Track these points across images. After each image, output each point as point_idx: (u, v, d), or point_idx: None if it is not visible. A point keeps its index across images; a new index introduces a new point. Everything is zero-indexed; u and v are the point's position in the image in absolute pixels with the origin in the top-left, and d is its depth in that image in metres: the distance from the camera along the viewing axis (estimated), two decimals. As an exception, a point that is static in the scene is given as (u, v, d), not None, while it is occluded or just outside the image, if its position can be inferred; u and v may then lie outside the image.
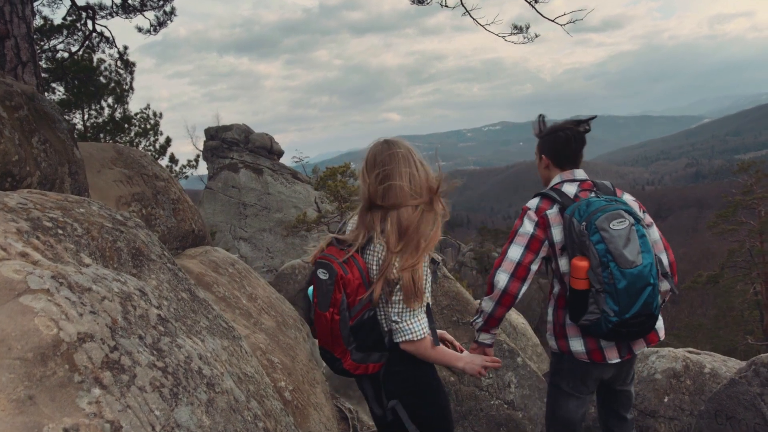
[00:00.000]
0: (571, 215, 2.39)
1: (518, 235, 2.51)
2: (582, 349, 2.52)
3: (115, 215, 2.43)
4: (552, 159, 2.68)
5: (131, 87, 9.84)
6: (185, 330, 2.07)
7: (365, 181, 2.18)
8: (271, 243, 32.78)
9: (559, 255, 2.50)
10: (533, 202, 2.58)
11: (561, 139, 2.64)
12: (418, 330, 2.09)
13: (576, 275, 2.35)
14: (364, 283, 2.09)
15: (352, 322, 2.10)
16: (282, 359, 4.17)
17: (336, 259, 2.10)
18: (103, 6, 7.28)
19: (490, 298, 2.52)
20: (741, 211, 26.99)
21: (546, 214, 2.50)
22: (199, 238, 5.06)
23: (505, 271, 2.48)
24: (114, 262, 2.11)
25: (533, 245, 2.47)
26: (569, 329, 2.55)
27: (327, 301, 2.10)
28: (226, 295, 4.36)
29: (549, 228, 2.49)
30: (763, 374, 4.82)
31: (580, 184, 2.59)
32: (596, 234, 2.28)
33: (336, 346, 2.16)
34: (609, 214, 2.31)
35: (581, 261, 2.33)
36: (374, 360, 2.18)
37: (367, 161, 2.22)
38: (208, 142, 35.18)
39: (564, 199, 2.51)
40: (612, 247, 2.26)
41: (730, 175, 47.85)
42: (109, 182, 4.39)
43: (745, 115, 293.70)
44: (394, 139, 2.25)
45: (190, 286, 2.54)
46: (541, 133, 2.77)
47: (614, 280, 2.26)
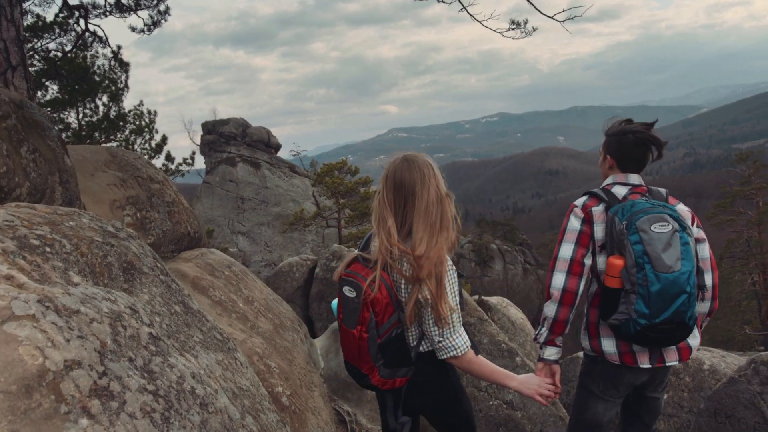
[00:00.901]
0: (614, 214, 2.40)
1: (567, 232, 2.52)
2: (614, 350, 2.50)
3: (106, 227, 2.39)
4: (617, 160, 2.63)
5: (126, 86, 9.77)
6: (178, 347, 2.03)
7: (386, 203, 2.17)
8: (269, 237, 32.77)
9: (599, 252, 2.50)
10: (580, 200, 2.59)
11: (629, 142, 2.57)
12: (461, 345, 2.14)
13: (610, 273, 2.36)
14: (392, 302, 2.11)
15: (380, 340, 2.11)
16: (279, 363, 4.14)
17: (363, 278, 2.10)
18: (97, 5, 7.20)
19: (551, 301, 2.49)
20: (739, 202, 27.01)
21: (591, 210, 2.51)
22: (194, 241, 5.02)
23: (560, 271, 2.47)
24: (104, 278, 2.07)
25: (583, 240, 2.48)
26: (602, 329, 2.53)
27: (354, 319, 2.11)
28: (222, 299, 4.32)
29: (593, 224, 2.50)
30: (762, 373, 4.81)
31: (632, 188, 2.57)
32: (635, 234, 2.28)
33: (363, 363, 2.18)
34: (652, 216, 2.30)
35: (617, 259, 2.34)
36: (402, 375, 2.20)
37: (387, 179, 2.20)
38: (205, 137, 35.08)
39: (611, 199, 2.51)
40: (650, 249, 2.25)
41: (728, 165, 47.87)
42: (103, 186, 4.34)
43: (743, 104, 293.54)
44: (414, 156, 2.22)
45: (183, 297, 2.50)
46: (609, 132, 2.69)
47: (647, 283, 2.25)
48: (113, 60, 9.04)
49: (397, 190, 2.16)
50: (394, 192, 2.16)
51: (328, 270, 8.86)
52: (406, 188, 2.14)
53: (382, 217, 2.17)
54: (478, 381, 4.88)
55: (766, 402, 4.70)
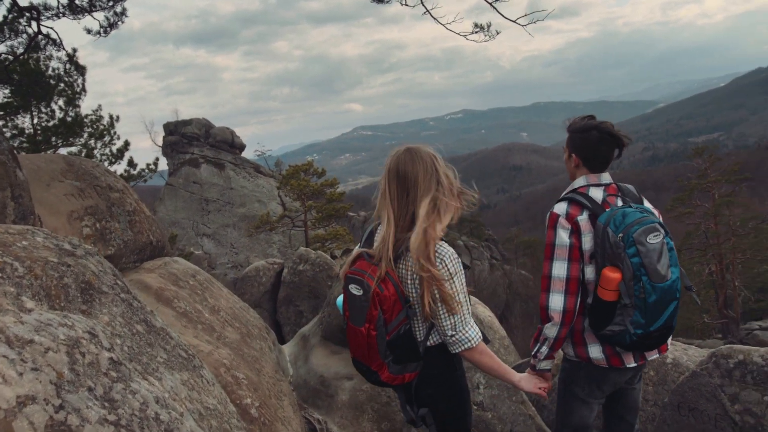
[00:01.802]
0: (606, 225, 2.32)
1: (557, 248, 2.40)
2: (601, 355, 2.49)
3: (62, 245, 2.29)
4: (582, 158, 2.54)
5: (83, 89, 9.46)
6: (140, 370, 1.96)
7: (388, 192, 2.18)
8: (235, 238, 32.35)
9: (587, 263, 2.41)
10: (561, 208, 2.46)
11: (593, 140, 2.49)
12: (474, 337, 2.16)
13: (606, 286, 2.30)
14: (399, 298, 2.11)
15: (389, 337, 2.12)
16: (247, 374, 4.07)
17: (370, 276, 2.09)
18: (48, 6, 6.94)
19: (552, 324, 2.41)
20: (696, 194, 27.80)
21: (577, 221, 2.40)
22: (157, 250, 4.90)
23: (557, 291, 2.38)
24: (61, 301, 1.98)
25: (574, 254, 2.38)
26: (588, 336, 2.50)
27: (362, 317, 2.11)
28: (187, 309, 4.22)
29: (580, 235, 2.40)
30: (723, 366, 4.94)
31: (605, 188, 2.51)
32: (633, 247, 2.23)
33: (373, 360, 2.18)
34: (646, 228, 2.26)
35: (613, 272, 2.28)
36: (411, 370, 2.22)
37: (389, 171, 2.20)
38: (167, 138, 34.42)
39: (594, 206, 2.42)
40: (647, 261, 2.23)
41: (685, 159, 49.21)
42: (60, 196, 4.19)
43: (697, 99, 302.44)
44: (418, 147, 2.23)
45: (146, 315, 2.42)
46: (572, 129, 2.61)
47: (645, 294, 2.24)
48: (69, 63, 8.76)
49: (400, 181, 2.16)
50: (397, 183, 2.16)
51: (295, 273, 8.79)
52: (408, 179, 2.15)
53: (383, 211, 2.18)
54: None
55: (726, 394, 4.83)
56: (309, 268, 8.65)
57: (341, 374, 4.75)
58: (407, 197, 2.15)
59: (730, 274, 25.99)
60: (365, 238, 2.36)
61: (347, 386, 4.68)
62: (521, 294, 36.21)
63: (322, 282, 8.52)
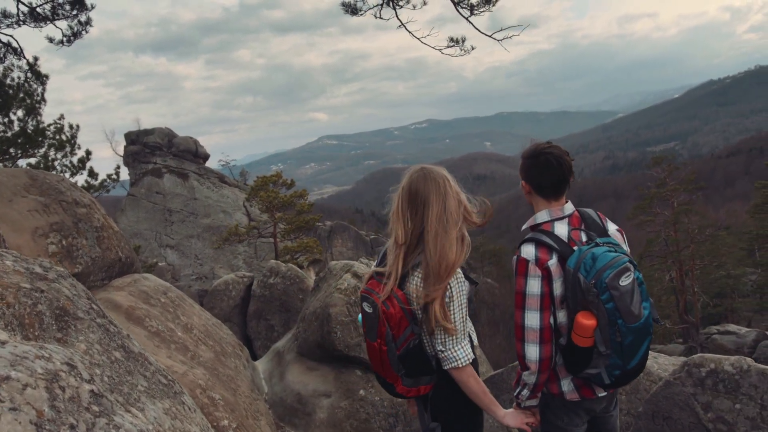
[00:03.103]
0: (576, 270, 2.22)
1: (528, 297, 2.28)
2: (571, 387, 2.44)
3: (33, 268, 2.17)
4: (533, 186, 2.44)
5: (43, 98, 9.12)
6: (122, 401, 1.86)
7: (400, 210, 2.26)
8: (199, 250, 31.76)
9: (558, 308, 2.33)
10: (530, 252, 2.32)
11: (541, 164, 2.38)
12: (462, 357, 2.21)
13: (582, 333, 2.22)
14: (405, 315, 2.19)
15: (399, 351, 2.21)
16: (223, 394, 3.95)
17: (378, 294, 2.21)
18: (8, 14, 6.68)
19: (529, 372, 2.34)
20: (656, 203, 28.52)
21: (548, 266, 2.28)
22: (126, 266, 4.73)
23: (531, 342, 2.30)
24: (35, 330, 1.87)
25: (546, 303, 2.28)
26: (560, 370, 2.43)
27: (374, 333, 2.23)
28: (159, 328, 4.08)
29: (551, 281, 2.29)
30: (695, 375, 5.02)
31: (569, 219, 2.42)
32: (606, 293, 2.15)
33: (387, 373, 2.29)
34: (618, 270, 2.18)
35: (588, 319, 2.20)
36: (425, 383, 2.30)
37: (403, 188, 2.28)
38: (128, 147, 33.65)
39: (561, 246, 2.32)
40: (621, 304, 2.16)
41: (644, 168, 50.50)
42: (23, 212, 4.01)
43: (655, 110, 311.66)
44: (431, 168, 2.31)
45: (123, 341, 2.30)
46: (523, 155, 2.49)
47: (621, 337, 2.19)
48: (29, 72, 8.44)
49: (411, 199, 2.24)
50: (409, 201, 2.24)
51: (265, 287, 8.63)
52: (420, 197, 2.22)
53: (395, 229, 2.27)
54: (426, 398, 4.84)
55: (699, 402, 4.91)
56: (280, 281, 8.51)
57: (319, 391, 4.65)
58: (416, 215, 2.23)
59: (689, 280, 26.70)
60: (381, 257, 2.43)
61: (325, 404, 4.58)
62: (487, 302, 36.49)
63: (293, 295, 8.39)
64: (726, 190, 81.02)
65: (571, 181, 2.45)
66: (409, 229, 2.24)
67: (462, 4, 5.73)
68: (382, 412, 4.57)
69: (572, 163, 2.44)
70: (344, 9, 6.30)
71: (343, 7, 6.29)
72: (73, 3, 6.69)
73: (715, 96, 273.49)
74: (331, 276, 5.12)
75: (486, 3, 5.65)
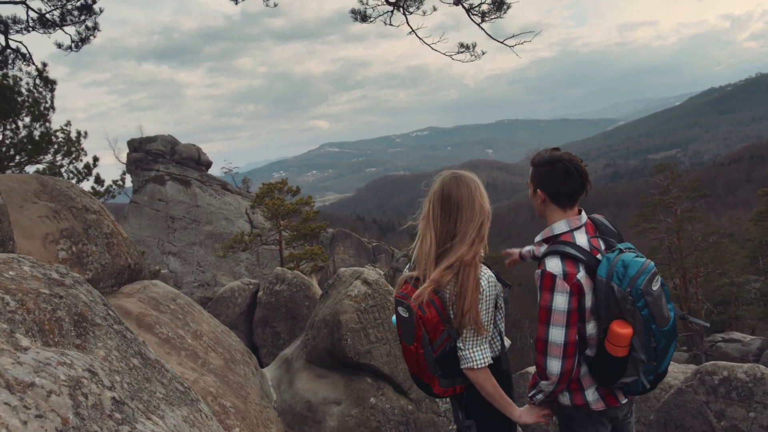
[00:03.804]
0: (609, 279, 2.17)
1: (554, 313, 2.20)
2: (596, 397, 2.39)
3: (50, 274, 2.15)
4: (549, 194, 2.37)
5: (52, 105, 9.12)
6: (143, 409, 1.83)
7: (431, 213, 2.30)
8: (201, 257, 31.74)
9: (587, 320, 2.28)
10: (557, 267, 2.23)
11: (560, 172, 2.32)
12: (479, 359, 2.24)
13: (618, 343, 2.17)
14: (441, 320, 2.24)
15: (436, 354, 2.26)
16: (234, 402, 3.92)
17: (413, 300, 2.23)
18: (18, 20, 6.70)
19: (548, 383, 2.31)
20: (659, 210, 28.48)
21: (578, 281, 2.21)
22: (135, 273, 4.71)
23: (555, 357, 2.24)
24: (54, 336, 1.84)
25: (572, 319, 2.21)
26: (585, 380, 2.39)
27: (411, 337, 2.27)
28: (170, 335, 4.05)
29: (581, 296, 2.22)
30: (708, 382, 4.98)
31: (585, 229, 2.38)
32: (642, 299, 2.12)
33: (424, 375, 2.34)
34: (650, 275, 2.16)
35: (623, 328, 2.15)
36: (461, 382, 2.35)
37: (434, 193, 2.33)
38: (131, 154, 33.71)
39: (587, 257, 2.25)
40: (655, 309, 2.13)
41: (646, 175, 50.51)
42: (34, 218, 3.99)
43: (655, 117, 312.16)
44: (463, 173, 2.36)
45: (140, 347, 2.28)
46: (536, 162, 2.43)
47: (656, 342, 2.17)
48: (38, 78, 8.46)
49: (444, 203, 2.28)
50: (441, 205, 2.29)
51: (271, 294, 8.60)
52: (452, 201, 2.27)
53: (426, 232, 2.30)
54: (437, 406, 4.80)
55: (712, 411, 4.87)
56: (286, 288, 8.48)
57: (329, 399, 4.61)
58: (449, 219, 2.27)
59: (693, 288, 26.63)
60: (413, 261, 2.45)
61: (335, 411, 4.54)
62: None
63: (299, 302, 8.35)
64: (728, 198, 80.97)
65: (589, 189, 2.40)
66: (440, 233, 2.27)
67: (473, 11, 5.74)
68: (392, 420, 4.53)
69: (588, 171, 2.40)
70: (353, 16, 6.31)
71: (353, 14, 6.29)
72: (82, 8, 6.71)
73: (716, 104, 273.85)
74: (340, 283, 5.09)
75: (497, 10, 5.67)
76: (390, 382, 4.73)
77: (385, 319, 4.79)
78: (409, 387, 4.76)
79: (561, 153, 2.39)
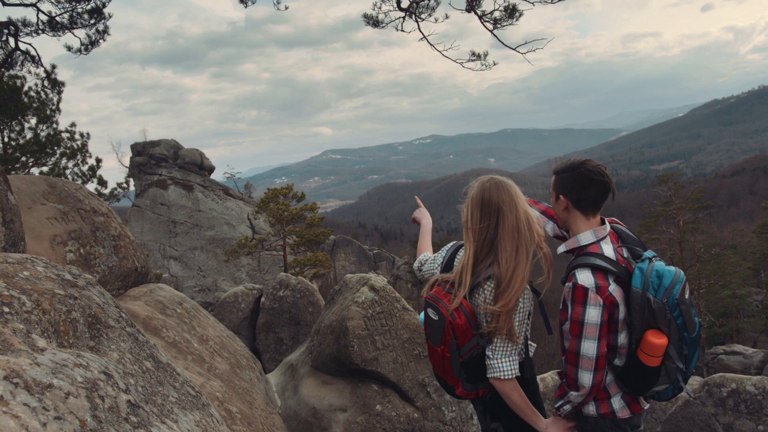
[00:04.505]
0: (645, 290, 2.16)
1: (586, 326, 2.19)
2: (622, 405, 2.38)
3: (63, 275, 2.13)
4: (572, 200, 2.35)
5: (58, 108, 9.12)
6: (157, 413, 1.81)
7: (470, 219, 2.26)
8: (202, 261, 31.72)
9: (620, 330, 2.27)
10: (588, 280, 2.21)
11: (583, 179, 2.31)
12: (507, 369, 2.22)
13: (653, 353, 2.17)
14: (471, 326, 2.21)
15: (462, 359, 2.25)
16: (240, 407, 3.89)
17: (444, 304, 2.21)
18: (28, 22, 6.71)
19: (578, 395, 2.31)
20: (662, 221, 28.42)
21: (611, 293, 2.20)
22: (141, 276, 4.69)
23: (586, 370, 2.24)
24: (69, 337, 1.83)
25: (604, 331, 2.22)
26: (611, 388, 2.38)
27: (438, 339, 2.25)
28: (176, 339, 4.03)
29: (615, 308, 2.21)
30: (716, 394, 4.95)
31: (609, 238, 2.37)
32: (677, 309, 2.15)
33: (448, 377, 2.33)
34: (682, 285, 2.18)
35: (659, 338, 2.15)
36: (484, 386, 2.34)
37: (473, 198, 2.29)
38: (134, 158, 33.75)
39: (618, 268, 2.24)
40: (687, 318, 2.16)
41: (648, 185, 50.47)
42: (42, 220, 3.98)
43: (658, 128, 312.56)
44: (502, 178, 2.30)
45: (152, 350, 2.26)
46: (559, 169, 2.42)
47: (687, 349, 2.20)
48: (46, 80, 8.46)
49: (483, 208, 2.23)
50: (481, 211, 2.24)
51: (275, 299, 8.57)
52: (493, 207, 2.22)
53: (465, 238, 2.27)
54: (443, 415, 4.77)
55: (720, 423, 4.83)
56: (290, 294, 8.45)
57: (335, 406, 4.58)
58: (488, 224, 2.21)
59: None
60: (445, 262, 2.45)
61: (341, 418, 4.51)
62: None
63: (303, 308, 8.32)
64: (730, 209, 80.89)
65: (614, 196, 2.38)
66: (479, 239, 2.22)
67: (485, 18, 5.75)
68: (398, 428, 4.50)
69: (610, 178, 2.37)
70: (366, 21, 6.31)
71: (365, 18, 6.30)
72: (92, 12, 6.72)
73: (719, 115, 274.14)
74: (347, 289, 5.07)
75: (509, 17, 5.67)
76: (396, 389, 4.70)
77: (392, 326, 4.76)
78: (415, 395, 4.73)
79: (584, 159, 2.39)
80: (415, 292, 37.61)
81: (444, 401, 4.81)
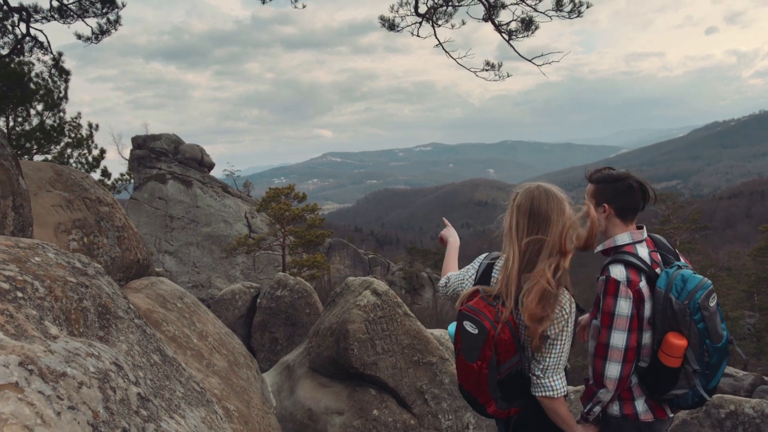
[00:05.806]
0: (668, 291, 2.25)
1: (617, 317, 2.27)
2: (646, 408, 2.42)
3: (74, 263, 2.11)
4: (616, 209, 2.45)
5: (66, 96, 9.08)
6: (165, 407, 1.78)
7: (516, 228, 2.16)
8: (197, 258, 31.61)
9: (645, 329, 2.34)
10: (621, 274, 2.31)
11: (626, 188, 2.43)
12: (559, 387, 2.16)
13: (672, 353, 2.24)
14: (515, 342, 2.13)
15: (500, 377, 2.15)
16: (237, 406, 3.85)
17: (486, 317, 2.10)
18: (39, 9, 6.68)
19: (606, 391, 2.34)
20: (659, 240, 28.45)
21: (640, 289, 2.28)
22: (143, 268, 4.66)
23: (615, 362, 2.30)
24: (80, 326, 1.80)
25: (634, 324, 2.28)
26: (635, 390, 2.42)
27: (475, 355, 2.12)
28: (176, 334, 4.00)
29: (642, 303, 2.28)
30: (714, 416, 4.92)
31: (646, 243, 2.46)
32: (698, 313, 2.20)
33: (481, 395, 2.21)
34: (708, 291, 2.23)
35: (679, 339, 2.22)
36: (517, 405, 2.25)
37: (519, 206, 2.19)
38: (135, 151, 33.67)
39: (648, 268, 2.33)
40: (710, 325, 2.20)
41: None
42: (47, 207, 3.95)
43: (658, 147, 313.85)
44: (550, 186, 2.22)
45: (159, 344, 2.23)
46: (600, 178, 2.53)
47: (709, 357, 2.23)
48: (54, 68, 8.41)
49: (532, 217, 2.15)
50: (529, 219, 2.15)
51: (272, 299, 8.53)
52: (541, 216, 2.14)
53: (508, 248, 2.18)
54: (439, 423, 4.73)
55: (717, 445, 4.80)
56: (287, 294, 8.41)
57: (331, 409, 4.54)
58: (537, 235, 2.13)
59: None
60: (481, 273, 2.36)
61: (337, 422, 4.47)
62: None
63: (300, 309, 8.28)
64: (726, 232, 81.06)
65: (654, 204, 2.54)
66: (526, 250, 2.14)
67: (501, 29, 5.74)
68: (394, 434, 4.46)
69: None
70: (382, 23, 6.30)
71: (381, 21, 6.29)
72: (104, 1, 6.70)
73: (719, 138, 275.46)
74: (348, 291, 5.04)
75: (525, 29, 5.68)
76: (394, 395, 4.67)
77: (393, 331, 4.73)
78: (413, 401, 4.69)
79: (626, 171, 2.53)
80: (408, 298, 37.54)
81: (441, 409, 4.78)
